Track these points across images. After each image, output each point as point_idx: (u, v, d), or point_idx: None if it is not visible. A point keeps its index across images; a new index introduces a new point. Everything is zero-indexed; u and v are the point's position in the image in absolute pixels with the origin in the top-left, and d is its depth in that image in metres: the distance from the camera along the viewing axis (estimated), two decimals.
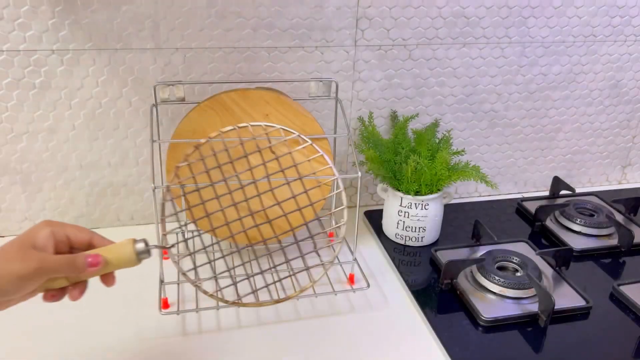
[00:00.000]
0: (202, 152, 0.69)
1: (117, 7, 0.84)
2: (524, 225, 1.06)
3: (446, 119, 1.07)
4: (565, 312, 0.80)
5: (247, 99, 0.81)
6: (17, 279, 0.50)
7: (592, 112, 1.15)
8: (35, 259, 0.51)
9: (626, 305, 0.83)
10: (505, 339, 0.76)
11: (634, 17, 1.07)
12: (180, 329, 0.76)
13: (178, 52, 0.89)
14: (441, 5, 0.96)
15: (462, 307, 0.81)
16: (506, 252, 0.89)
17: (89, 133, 0.92)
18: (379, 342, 0.75)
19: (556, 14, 1.02)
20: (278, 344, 0.74)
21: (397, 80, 1.01)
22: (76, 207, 0.97)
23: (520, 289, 0.82)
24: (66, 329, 0.75)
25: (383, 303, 0.83)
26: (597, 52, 1.08)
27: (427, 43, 0.99)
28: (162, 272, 0.79)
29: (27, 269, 0.50)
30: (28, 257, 0.51)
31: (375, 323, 0.79)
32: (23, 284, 0.51)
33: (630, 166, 1.24)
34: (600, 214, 1.04)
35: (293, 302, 0.81)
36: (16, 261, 0.50)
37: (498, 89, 1.07)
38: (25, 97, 0.87)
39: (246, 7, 0.88)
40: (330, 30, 0.93)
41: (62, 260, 0.53)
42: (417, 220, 0.94)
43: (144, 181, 0.98)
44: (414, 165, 0.89)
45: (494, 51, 1.02)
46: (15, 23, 0.82)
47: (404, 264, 0.92)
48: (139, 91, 0.91)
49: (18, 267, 0.50)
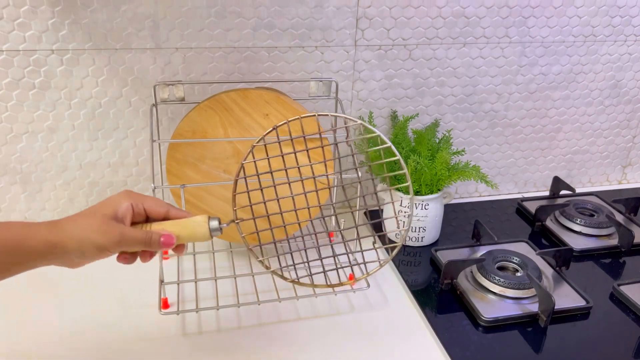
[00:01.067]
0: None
1: (117, 6, 0.84)
2: (524, 225, 1.06)
3: (446, 119, 1.07)
4: (566, 312, 0.80)
5: (247, 98, 0.81)
6: (96, 249, 0.54)
7: (592, 112, 1.15)
8: (117, 233, 0.55)
9: (626, 305, 0.83)
10: (506, 339, 0.76)
11: (634, 17, 1.07)
12: (180, 329, 0.76)
13: (178, 52, 0.89)
14: (441, 5, 0.96)
15: (462, 307, 0.81)
16: (506, 252, 0.89)
17: (89, 133, 0.92)
18: (379, 342, 0.75)
19: (556, 14, 1.02)
20: (278, 344, 0.74)
21: (397, 80, 1.01)
22: (76, 207, 0.96)
23: (521, 289, 0.82)
24: (66, 328, 0.75)
25: (383, 303, 0.83)
26: (597, 52, 1.08)
27: (427, 43, 0.99)
28: (162, 272, 0.79)
29: (108, 241, 0.54)
30: (110, 230, 0.55)
31: (375, 323, 0.79)
32: (101, 253, 0.55)
33: (631, 166, 1.24)
34: (600, 214, 1.04)
35: (293, 302, 0.81)
36: (99, 233, 0.54)
37: (498, 89, 1.07)
38: (25, 97, 0.87)
39: (246, 7, 0.88)
40: (330, 30, 0.93)
41: (139, 237, 0.57)
42: (417, 220, 0.94)
43: (144, 181, 0.98)
44: (414, 165, 0.89)
45: (494, 51, 1.02)
46: (15, 23, 0.82)
47: (404, 264, 0.92)
48: (138, 91, 0.91)
49: (100, 238, 0.54)
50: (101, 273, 0.86)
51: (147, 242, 0.57)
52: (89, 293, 0.83)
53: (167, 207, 0.60)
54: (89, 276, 0.86)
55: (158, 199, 0.61)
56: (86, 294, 0.82)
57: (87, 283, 0.84)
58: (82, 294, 0.82)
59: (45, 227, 0.54)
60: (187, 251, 0.58)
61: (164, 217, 0.60)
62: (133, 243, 0.56)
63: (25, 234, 0.53)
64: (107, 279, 0.85)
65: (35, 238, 0.53)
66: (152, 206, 0.60)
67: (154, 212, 0.60)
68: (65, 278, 0.85)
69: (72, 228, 0.54)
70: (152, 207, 0.59)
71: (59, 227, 0.54)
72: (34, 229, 0.54)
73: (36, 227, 0.54)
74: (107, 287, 0.84)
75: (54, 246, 0.53)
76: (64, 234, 0.54)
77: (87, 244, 0.54)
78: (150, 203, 0.59)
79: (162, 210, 0.60)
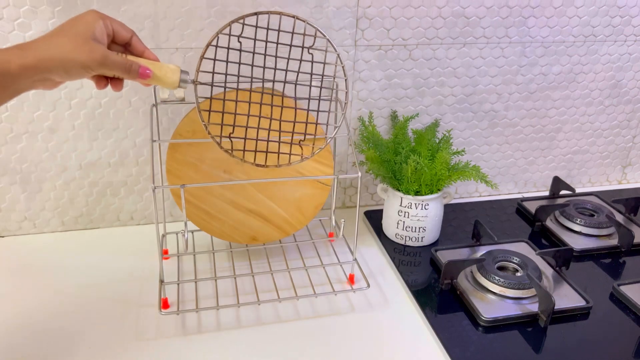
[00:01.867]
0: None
1: (117, 7, 0.84)
2: (524, 225, 1.06)
3: (446, 119, 1.07)
4: (565, 312, 0.80)
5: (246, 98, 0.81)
6: (80, 67, 0.55)
7: (592, 112, 1.15)
8: (100, 54, 0.56)
9: (626, 305, 0.83)
10: (505, 339, 0.76)
11: (634, 17, 1.07)
12: (180, 329, 0.76)
13: (178, 52, 0.89)
14: (441, 5, 0.96)
15: (462, 307, 0.81)
16: (506, 252, 0.89)
17: (89, 133, 0.92)
18: (379, 342, 0.75)
19: (556, 14, 1.02)
20: (278, 344, 0.74)
21: (397, 80, 1.01)
22: (76, 207, 0.97)
23: (521, 289, 0.82)
24: (66, 328, 0.75)
25: (383, 303, 0.83)
26: (597, 52, 1.08)
27: (427, 43, 0.99)
28: (162, 272, 0.79)
29: (92, 60, 0.56)
30: (94, 50, 0.56)
31: (375, 323, 0.79)
32: (84, 72, 0.56)
33: (630, 166, 1.24)
34: (600, 214, 1.04)
35: (293, 302, 0.81)
36: (83, 52, 0.55)
37: (498, 89, 1.07)
38: (25, 97, 0.87)
39: (246, 7, 0.88)
40: (330, 30, 0.93)
41: (120, 62, 0.58)
42: (417, 220, 0.94)
43: (144, 181, 0.98)
44: (414, 165, 0.89)
45: (494, 51, 1.02)
46: (15, 23, 0.82)
47: (404, 264, 0.92)
48: (138, 91, 0.91)
49: (84, 57, 0.55)
50: (101, 273, 0.87)
51: (127, 68, 0.59)
52: (89, 293, 0.83)
53: (131, 33, 0.63)
54: (88, 276, 0.86)
55: (124, 24, 0.62)
56: (86, 294, 0.82)
57: (87, 283, 0.84)
58: (82, 294, 0.82)
59: (17, 51, 0.53)
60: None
61: (127, 42, 0.63)
62: (114, 67, 0.58)
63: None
64: (107, 278, 0.85)
65: (9, 63, 0.52)
66: (119, 29, 0.61)
67: (119, 36, 0.61)
68: (65, 276, 0.85)
69: (50, 48, 0.54)
70: (119, 30, 0.61)
71: (32, 49, 0.54)
72: (5, 55, 0.52)
73: (6, 52, 0.53)
74: (107, 287, 0.84)
75: (34, 69, 0.53)
76: (42, 55, 0.53)
77: (71, 63, 0.54)
78: (117, 24, 0.61)
79: (127, 35, 0.62)
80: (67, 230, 0.98)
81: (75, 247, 0.94)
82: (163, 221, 0.94)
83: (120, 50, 0.63)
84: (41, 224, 0.96)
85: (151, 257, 0.89)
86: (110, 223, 1.00)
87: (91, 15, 0.59)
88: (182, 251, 0.91)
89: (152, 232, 0.93)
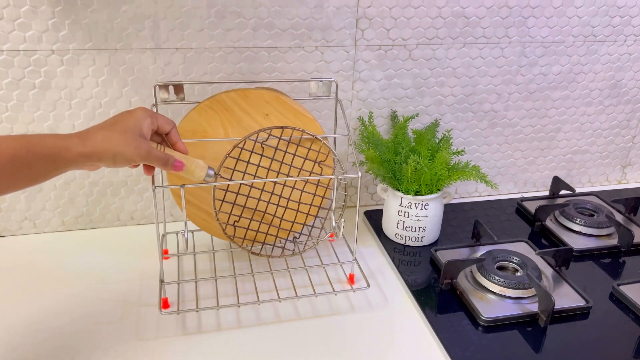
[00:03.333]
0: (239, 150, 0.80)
1: (117, 7, 0.84)
2: (524, 225, 1.06)
3: (446, 119, 1.07)
4: (565, 312, 0.80)
5: (247, 99, 0.81)
6: (126, 160, 0.63)
7: (592, 112, 1.15)
8: (145, 150, 0.64)
9: (626, 305, 0.83)
10: (505, 339, 0.76)
11: (634, 17, 1.07)
12: (181, 329, 0.76)
13: (178, 52, 0.89)
14: (441, 5, 0.96)
15: (462, 307, 0.81)
16: (506, 252, 0.89)
17: None
18: (379, 342, 0.75)
19: (556, 14, 1.02)
20: (278, 344, 0.74)
21: (397, 80, 1.01)
22: (76, 207, 0.97)
23: (520, 289, 0.82)
24: (66, 328, 0.75)
25: (383, 303, 0.83)
26: (597, 52, 1.08)
27: (427, 43, 0.99)
28: (162, 272, 0.79)
29: (138, 155, 0.64)
30: (140, 146, 0.64)
31: (375, 323, 0.79)
32: (128, 163, 0.64)
33: (630, 166, 1.25)
34: (600, 214, 1.04)
35: (293, 302, 0.82)
36: (131, 147, 0.63)
37: (498, 89, 1.07)
38: (25, 97, 0.87)
39: (246, 7, 0.88)
40: (330, 30, 0.93)
41: (160, 156, 0.66)
42: (417, 220, 0.94)
43: (144, 181, 0.98)
44: (414, 165, 0.89)
45: (494, 51, 1.03)
46: (15, 23, 0.82)
47: (404, 263, 0.92)
48: (139, 91, 0.91)
49: (132, 152, 0.63)
50: (101, 273, 0.87)
51: (165, 162, 0.67)
52: (89, 293, 0.83)
53: (172, 127, 0.70)
54: (89, 276, 0.86)
55: (168, 118, 0.70)
56: (86, 294, 0.82)
57: (87, 282, 0.84)
58: (82, 294, 0.82)
59: (78, 140, 0.61)
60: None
61: (166, 134, 0.70)
62: (155, 160, 0.66)
63: (59, 146, 0.59)
64: (107, 279, 0.85)
65: (69, 150, 0.60)
66: (163, 124, 0.69)
67: (162, 127, 0.69)
68: (65, 276, 0.85)
69: (104, 141, 0.62)
70: (162, 124, 0.69)
71: (91, 140, 0.61)
72: (67, 142, 0.60)
73: (68, 140, 0.60)
74: (108, 286, 0.84)
75: (88, 157, 0.61)
76: (98, 146, 0.61)
77: (119, 156, 0.62)
78: (161, 120, 0.69)
79: (168, 127, 0.70)
80: (68, 230, 0.98)
81: (76, 247, 0.94)
82: (163, 221, 0.94)
83: (158, 140, 0.70)
84: (41, 224, 0.97)
85: (151, 257, 0.90)
86: (110, 223, 1.00)
87: (140, 112, 0.66)
88: (182, 251, 0.91)
89: (152, 232, 0.93)
